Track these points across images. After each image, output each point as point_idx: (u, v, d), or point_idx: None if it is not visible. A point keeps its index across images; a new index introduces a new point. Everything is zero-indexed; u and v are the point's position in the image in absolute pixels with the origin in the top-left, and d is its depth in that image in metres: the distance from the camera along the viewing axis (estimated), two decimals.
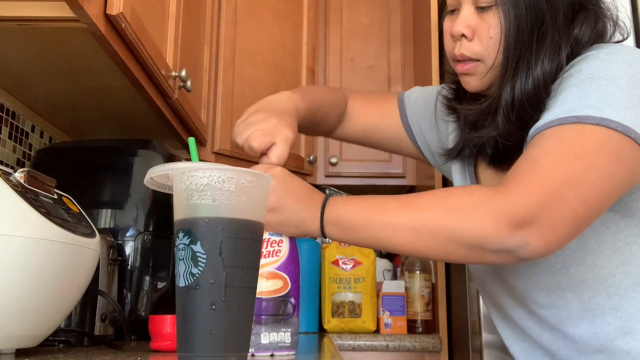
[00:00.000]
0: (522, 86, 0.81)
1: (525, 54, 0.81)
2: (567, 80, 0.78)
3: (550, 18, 0.81)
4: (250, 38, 1.95)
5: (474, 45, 0.85)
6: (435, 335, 1.90)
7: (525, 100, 0.81)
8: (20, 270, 0.68)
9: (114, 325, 1.07)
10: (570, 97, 0.75)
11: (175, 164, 0.64)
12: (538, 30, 0.81)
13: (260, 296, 0.74)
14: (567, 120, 0.73)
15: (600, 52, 0.79)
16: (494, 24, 0.83)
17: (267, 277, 0.76)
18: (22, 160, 1.37)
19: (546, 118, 0.76)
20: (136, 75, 1.05)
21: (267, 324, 0.75)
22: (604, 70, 0.76)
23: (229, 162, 1.79)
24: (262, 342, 0.74)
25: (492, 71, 0.85)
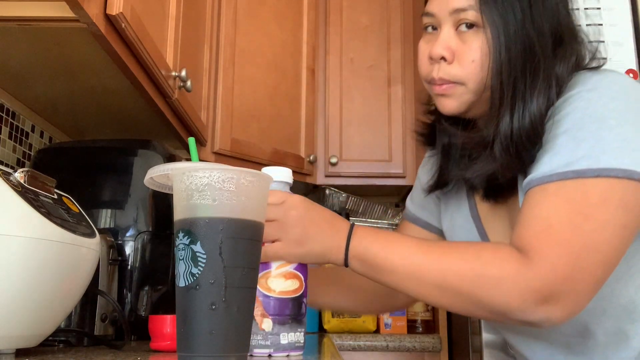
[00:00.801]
0: (520, 120, 0.78)
1: (520, 84, 0.78)
2: (557, 126, 0.76)
3: (540, 47, 0.79)
4: (250, 38, 1.95)
5: (454, 69, 0.81)
6: (435, 335, 1.90)
7: (524, 134, 0.78)
8: (20, 270, 0.68)
9: (114, 325, 1.07)
10: (563, 147, 0.74)
11: (175, 164, 0.64)
12: (531, 60, 0.78)
13: (281, 296, 0.74)
14: (566, 175, 0.72)
15: (582, 90, 0.77)
16: (477, 47, 0.79)
17: (287, 276, 0.75)
18: (22, 160, 1.37)
19: (543, 170, 0.75)
20: (136, 75, 1.05)
21: (286, 324, 0.74)
22: (590, 111, 0.74)
23: (229, 162, 1.79)
24: (282, 343, 0.73)
25: (472, 95, 0.81)
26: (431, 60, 0.83)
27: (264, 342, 0.72)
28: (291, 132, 2.11)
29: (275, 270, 0.75)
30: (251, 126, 1.92)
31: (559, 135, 0.75)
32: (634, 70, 1.95)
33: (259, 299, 0.73)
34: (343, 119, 2.29)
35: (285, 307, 0.74)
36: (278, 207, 0.76)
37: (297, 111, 2.15)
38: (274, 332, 0.72)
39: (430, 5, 0.85)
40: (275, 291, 0.74)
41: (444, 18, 0.82)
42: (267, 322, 0.72)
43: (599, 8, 2.03)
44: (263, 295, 0.73)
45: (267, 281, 0.74)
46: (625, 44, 1.99)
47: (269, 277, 0.74)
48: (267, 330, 0.72)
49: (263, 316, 0.73)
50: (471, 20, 0.80)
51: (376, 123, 2.28)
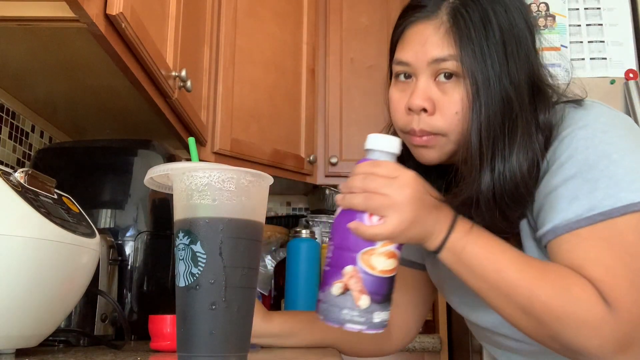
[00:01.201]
0: (501, 181, 0.76)
1: (499, 142, 0.76)
2: (562, 170, 0.76)
3: (518, 103, 0.77)
4: (250, 38, 1.95)
5: (435, 120, 0.78)
6: (435, 335, 1.90)
7: (507, 196, 0.77)
8: (20, 270, 0.68)
9: (114, 325, 1.07)
10: (580, 191, 0.74)
11: (175, 164, 0.64)
12: (509, 115, 0.76)
13: (381, 275, 0.72)
14: (595, 219, 0.73)
15: (574, 128, 0.77)
16: (458, 98, 0.77)
17: (388, 255, 0.73)
18: (22, 160, 1.37)
19: (566, 216, 0.74)
20: (136, 75, 1.05)
21: (381, 303, 0.73)
22: (592, 151, 0.75)
23: (229, 162, 1.79)
24: (374, 321, 0.72)
25: (453, 145, 0.79)
26: (409, 111, 0.81)
27: (358, 319, 0.71)
28: (291, 132, 2.11)
29: (381, 248, 0.72)
30: (251, 126, 1.92)
31: (570, 180, 0.75)
32: (634, 70, 1.95)
33: (359, 275, 0.71)
34: (343, 119, 2.29)
35: (383, 286, 0.73)
36: (391, 182, 0.71)
37: (297, 111, 2.15)
38: (369, 310, 0.71)
39: (404, 53, 0.82)
40: (376, 269, 0.72)
41: (421, 68, 0.79)
42: (365, 299, 0.71)
43: (599, 8, 2.03)
44: (364, 272, 0.71)
45: (371, 258, 0.72)
46: (625, 44, 1.99)
47: (372, 255, 0.72)
48: (363, 307, 0.71)
49: (361, 292, 0.71)
50: (451, 70, 0.77)
51: (376, 123, 2.27)
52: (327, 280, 0.73)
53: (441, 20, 0.79)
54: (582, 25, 2.02)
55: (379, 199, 0.71)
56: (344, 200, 0.73)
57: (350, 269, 0.72)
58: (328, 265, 0.74)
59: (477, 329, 0.98)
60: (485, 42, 0.76)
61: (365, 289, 0.71)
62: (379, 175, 0.72)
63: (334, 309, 0.72)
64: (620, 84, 1.89)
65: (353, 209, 0.72)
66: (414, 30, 0.81)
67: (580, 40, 2.00)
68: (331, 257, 0.74)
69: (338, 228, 0.74)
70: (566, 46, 1.99)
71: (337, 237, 0.74)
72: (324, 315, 0.73)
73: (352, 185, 0.73)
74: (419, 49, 0.80)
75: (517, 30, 0.78)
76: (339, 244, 0.73)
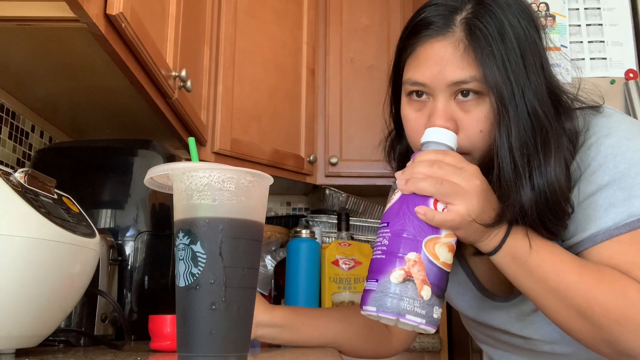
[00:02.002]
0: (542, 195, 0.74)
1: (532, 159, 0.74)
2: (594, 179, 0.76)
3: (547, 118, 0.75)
4: (250, 38, 1.95)
5: (459, 140, 0.75)
6: (435, 335, 1.90)
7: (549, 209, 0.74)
8: (20, 270, 0.68)
9: (114, 325, 1.07)
10: (615, 199, 0.75)
11: (175, 164, 0.64)
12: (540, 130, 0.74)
13: (442, 267, 0.69)
14: (634, 225, 0.74)
15: (599, 137, 0.78)
16: (483, 117, 0.75)
17: (450, 248, 0.70)
18: (22, 160, 1.37)
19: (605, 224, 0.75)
20: (136, 75, 1.05)
21: (440, 297, 0.69)
22: (620, 159, 0.76)
23: (229, 162, 1.79)
24: (434, 316, 0.68)
25: (476, 162, 0.77)
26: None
27: (420, 311, 0.67)
28: (291, 132, 2.11)
29: (445, 238, 0.70)
30: (251, 126, 1.92)
31: (603, 188, 0.76)
32: (634, 70, 1.95)
33: (424, 264, 0.68)
34: (343, 119, 2.28)
35: (443, 279, 0.69)
36: (460, 171, 0.70)
37: (297, 111, 2.15)
38: (431, 303, 0.68)
39: (420, 74, 0.77)
40: (440, 260, 0.69)
41: (439, 89, 0.76)
42: (427, 290, 0.67)
43: (599, 8, 2.03)
44: (429, 260, 0.68)
45: (435, 247, 0.69)
46: (625, 44, 1.99)
47: (437, 243, 0.69)
48: (426, 298, 0.67)
49: (424, 282, 0.67)
50: (473, 89, 0.75)
51: (376, 123, 2.27)
52: (382, 267, 0.69)
53: (457, 37, 0.75)
54: (582, 25, 2.02)
55: (449, 185, 0.69)
56: (409, 184, 0.70)
57: (414, 255, 0.68)
58: (383, 254, 0.70)
59: (482, 329, 0.97)
60: (505, 56, 0.73)
61: (429, 278, 0.67)
62: (447, 163, 0.70)
63: (392, 298, 0.67)
64: (620, 84, 1.89)
65: (420, 193, 0.70)
66: (428, 49, 0.77)
67: (580, 40, 2.00)
68: (387, 244, 0.70)
69: (398, 213, 0.70)
70: (566, 46, 1.99)
71: (396, 223, 0.70)
72: (378, 305, 0.68)
73: (417, 171, 0.70)
74: (435, 71, 0.76)
75: (530, 39, 0.76)
76: (398, 229, 0.69)
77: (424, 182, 0.69)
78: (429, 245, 0.69)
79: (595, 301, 0.71)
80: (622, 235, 0.74)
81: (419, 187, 0.70)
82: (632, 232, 0.74)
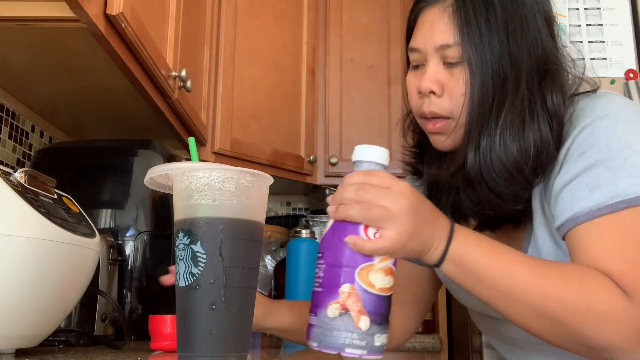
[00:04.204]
0: (487, 159, 0.77)
1: (485, 121, 0.78)
2: (583, 158, 0.75)
3: (512, 82, 0.77)
4: (250, 38, 1.95)
5: (443, 102, 0.80)
6: (435, 335, 1.90)
7: (495, 173, 0.77)
8: (20, 270, 0.68)
9: (114, 325, 1.07)
10: (601, 179, 0.73)
11: (175, 164, 0.64)
12: (499, 94, 0.77)
13: (380, 293, 0.67)
14: (617, 207, 0.72)
15: (595, 117, 0.77)
16: (464, 80, 0.79)
17: (386, 272, 0.68)
18: (22, 160, 1.37)
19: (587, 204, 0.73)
20: (136, 75, 1.05)
21: (380, 325, 0.67)
22: (614, 140, 0.75)
23: (229, 162, 1.79)
24: (375, 345, 0.66)
25: (464, 129, 0.80)
26: (420, 95, 0.82)
27: (358, 342, 0.66)
28: (291, 132, 2.11)
29: (379, 263, 0.67)
30: (251, 126, 1.92)
31: (591, 168, 0.74)
32: (633, 70, 1.95)
33: (358, 294, 0.66)
34: (343, 119, 2.29)
35: (382, 306, 0.67)
36: (387, 192, 0.68)
37: (297, 111, 2.15)
38: (370, 332, 0.66)
39: (415, 41, 0.84)
40: (375, 287, 0.67)
41: (430, 53, 0.82)
42: (365, 320, 0.66)
43: (599, 8, 2.03)
44: (363, 290, 0.66)
45: (369, 275, 0.67)
46: (625, 44, 1.99)
47: (371, 271, 0.67)
48: (364, 329, 0.66)
49: (361, 313, 0.66)
50: (456, 55, 0.79)
51: (376, 123, 2.28)
52: (320, 301, 0.67)
53: (447, 3, 0.81)
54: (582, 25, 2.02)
55: (377, 210, 0.67)
56: (338, 212, 0.68)
57: (348, 287, 0.66)
58: (320, 286, 0.68)
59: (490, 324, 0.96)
60: (485, 24, 0.78)
61: (365, 308, 0.66)
62: (373, 185, 0.68)
63: (331, 332, 0.66)
64: (620, 84, 1.89)
65: (349, 220, 0.68)
66: (423, 17, 0.84)
67: (580, 40, 2.00)
68: (323, 276, 0.68)
69: (330, 244, 0.68)
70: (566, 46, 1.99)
71: (329, 254, 0.68)
72: (318, 341, 0.67)
73: (344, 197, 0.68)
74: (427, 35, 0.82)
75: (525, 11, 0.79)
76: (331, 261, 0.68)
77: (352, 209, 0.67)
78: (363, 274, 0.66)
79: (551, 297, 0.69)
80: (603, 217, 0.72)
81: (348, 214, 0.67)
82: (614, 214, 0.72)
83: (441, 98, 0.81)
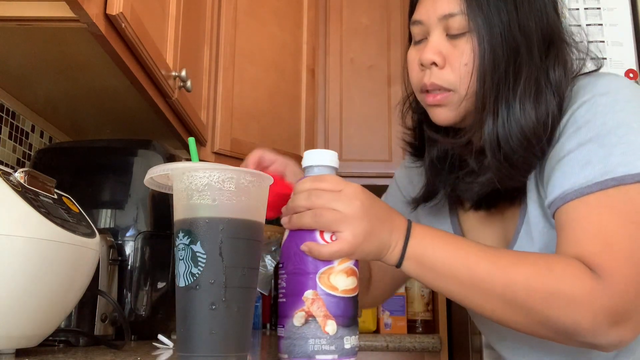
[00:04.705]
0: (506, 125, 0.76)
1: (503, 89, 0.76)
2: (579, 134, 0.74)
3: (526, 50, 0.76)
4: (250, 38, 1.95)
5: (445, 74, 0.79)
6: (435, 335, 1.90)
7: (513, 140, 0.76)
8: (20, 270, 0.68)
9: (114, 325, 1.07)
10: (594, 155, 0.72)
11: (175, 164, 0.64)
12: (514, 62, 0.76)
13: (344, 295, 0.67)
14: (607, 184, 0.70)
15: (595, 94, 0.76)
16: (468, 50, 0.77)
17: (348, 273, 0.68)
18: (22, 160, 1.37)
19: (577, 181, 0.72)
20: (136, 75, 1.05)
21: (349, 327, 0.67)
22: (611, 117, 0.73)
23: (229, 162, 1.79)
24: (346, 347, 0.66)
25: (466, 102, 0.79)
26: (422, 67, 0.81)
27: (328, 347, 0.65)
28: (291, 132, 2.11)
29: (338, 266, 0.67)
30: (251, 126, 1.92)
31: (585, 144, 0.73)
32: (634, 70, 1.95)
33: (322, 299, 0.66)
34: (343, 119, 2.29)
35: (348, 308, 0.67)
36: (338, 196, 0.68)
37: (297, 111, 2.15)
38: (338, 336, 0.66)
39: (418, 13, 0.83)
40: (338, 289, 0.67)
41: (433, 24, 0.80)
42: (331, 324, 0.66)
43: (599, 8, 2.03)
44: (326, 294, 0.66)
45: (330, 278, 0.67)
46: (625, 44, 1.99)
47: (331, 274, 0.67)
48: (332, 333, 0.65)
49: (326, 317, 0.66)
50: (460, 25, 0.78)
51: (376, 123, 2.28)
52: (285, 311, 0.67)
53: None
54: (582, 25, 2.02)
55: (329, 214, 0.67)
56: (291, 222, 0.69)
57: (311, 293, 0.66)
58: (284, 297, 0.68)
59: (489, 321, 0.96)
60: None
61: (331, 312, 0.66)
62: (324, 189, 0.68)
63: (299, 342, 0.66)
64: None
65: (303, 229, 0.68)
66: None
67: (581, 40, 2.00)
68: (286, 286, 0.68)
69: (289, 253, 0.69)
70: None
71: (289, 264, 0.68)
72: (288, 352, 0.66)
73: (297, 205, 0.69)
74: (430, 6, 0.81)
75: None
76: (291, 269, 0.68)
77: (305, 217, 0.68)
78: (324, 278, 0.67)
79: (516, 285, 0.68)
80: (591, 194, 0.71)
81: (301, 223, 0.68)
82: (602, 192, 0.70)
83: (443, 70, 0.79)
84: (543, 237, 0.80)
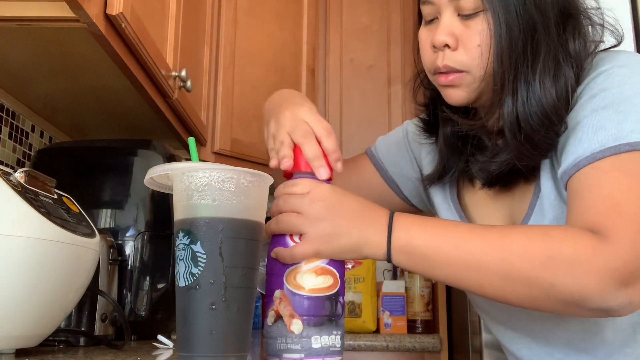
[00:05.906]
0: (526, 104, 0.75)
1: (521, 68, 0.75)
2: (594, 102, 0.73)
3: (542, 26, 0.75)
4: (250, 38, 1.95)
5: (459, 55, 0.77)
6: (435, 335, 1.90)
7: (533, 119, 0.75)
8: (20, 270, 0.68)
9: (114, 325, 1.07)
10: (608, 121, 0.71)
11: (175, 164, 0.64)
12: (531, 39, 0.75)
13: (312, 294, 0.67)
14: (620, 149, 0.69)
15: (613, 65, 0.75)
16: (482, 30, 0.76)
17: (318, 272, 0.68)
18: (22, 160, 1.37)
19: (590, 147, 0.70)
20: (136, 75, 1.05)
21: (319, 326, 0.66)
22: (628, 87, 0.73)
23: (229, 162, 1.79)
24: (314, 347, 0.66)
25: (479, 82, 0.78)
26: (434, 49, 0.80)
27: (293, 347, 0.66)
28: None
29: (306, 265, 0.68)
30: (251, 126, 1.92)
31: (599, 110, 0.72)
32: None
33: (287, 298, 0.67)
34: (343, 119, 2.29)
35: (317, 307, 0.67)
36: (302, 198, 0.69)
37: None
38: (305, 335, 0.66)
39: None
40: (305, 289, 0.67)
41: (443, 5, 0.79)
42: (297, 323, 0.66)
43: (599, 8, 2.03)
44: (291, 293, 0.67)
45: (296, 277, 0.67)
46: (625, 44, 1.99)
47: (297, 273, 0.68)
48: (297, 332, 0.66)
49: (292, 317, 0.66)
50: (474, 4, 0.76)
51: (376, 123, 2.28)
52: (264, 312, 0.70)
53: None
54: None
55: (290, 218, 0.68)
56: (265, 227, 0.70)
57: (279, 292, 0.67)
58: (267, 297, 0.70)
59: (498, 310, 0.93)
60: None
61: (296, 311, 0.66)
62: (294, 193, 0.70)
63: (270, 341, 0.67)
64: None
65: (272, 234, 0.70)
66: None
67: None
68: (265, 287, 0.70)
69: (268, 256, 0.71)
70: None
71: (267, 264, 0.71)
72: (265, 350, 0.67)
73: (272, 212, 0.71)
74: None
75: None
76: (268, 270, 0.70)
77: (270, 223, 0.70)
78: (290, 278, 0.67)
79: (512, 254, 0.65)
80: (604, 159, 0.69)
81: (269, 228, 0.70)
82: (615, 156, 0.69)
83: (456, 51, 0.78)
84: (554, 209, 0.79)
